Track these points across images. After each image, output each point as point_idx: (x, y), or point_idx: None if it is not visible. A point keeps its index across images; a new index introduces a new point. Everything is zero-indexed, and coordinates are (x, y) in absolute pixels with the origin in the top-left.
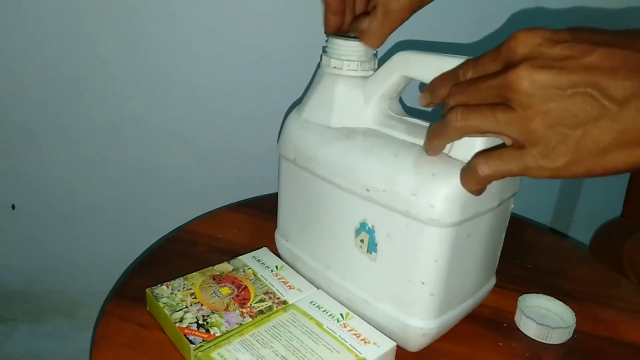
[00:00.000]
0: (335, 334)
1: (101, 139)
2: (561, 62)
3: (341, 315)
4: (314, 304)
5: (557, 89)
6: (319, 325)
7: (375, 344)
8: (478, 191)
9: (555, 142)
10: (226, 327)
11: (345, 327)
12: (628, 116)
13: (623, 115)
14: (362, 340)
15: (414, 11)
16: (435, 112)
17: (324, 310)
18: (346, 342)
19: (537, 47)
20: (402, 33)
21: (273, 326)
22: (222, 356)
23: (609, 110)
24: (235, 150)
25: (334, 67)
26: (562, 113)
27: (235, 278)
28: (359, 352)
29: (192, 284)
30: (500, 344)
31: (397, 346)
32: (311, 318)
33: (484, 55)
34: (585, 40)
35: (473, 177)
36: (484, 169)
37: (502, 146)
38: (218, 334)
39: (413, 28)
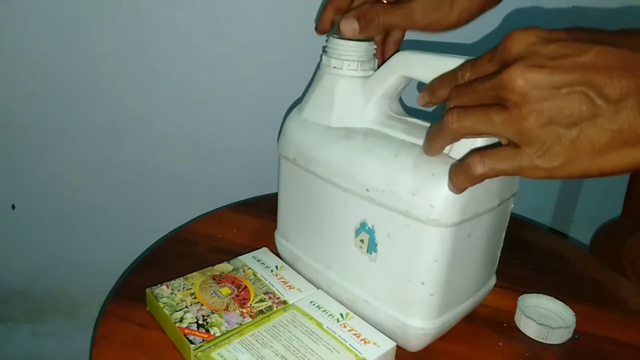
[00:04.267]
0: (335, 334)
1: (101, 139)
2: (556, 61)
3: (341, 315)
4: (314, 304)
5: (552, 88)
6: (319, 325)
7: (375, 344)
8: (463, 190)
9: (551, 142)
10: (226, 327)
11: (345, 327)
12: (624, 116)
13: (619, 114)
14: (362, 340)
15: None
16: (436, 112)
17: (324, 310)
18: (346, 342)
19: (531, 45)
20: None
21: (273, 326)
22: (222, 356)
23: (604, 110)
24: (235, 150)
25: (334, 67)
26: (556, 112)
27: (235, 278)
28: (359, 352)
29: (192, 284)
30: (500, 343)
31: (397, 346)
32: (311, 318)
33: (481, 56)
34: (581, 39)
35: (465, 175)
36: (478, 168)
37: (498, 144)
38: (218, 334)
39: None
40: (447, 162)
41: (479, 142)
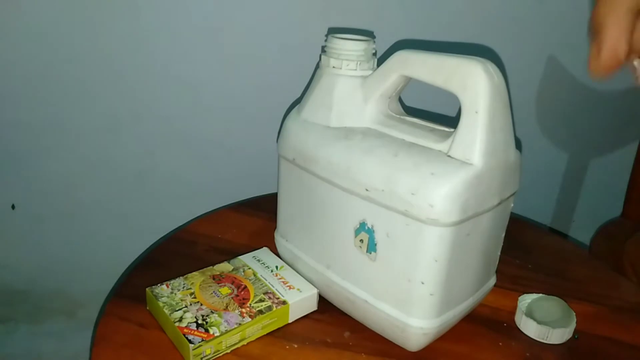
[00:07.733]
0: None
1: (101, 138)
2: None
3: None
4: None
5: None
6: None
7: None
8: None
9: None
10: (225, 327)
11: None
12: None
13: None
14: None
15: None
16: (436, 112)
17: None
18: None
19: None
20: (402, 33)
21: None
22: None
23: None
24: (235, 150)
25: (333, 67)
26: None
27: (235, 278)
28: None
29: (192, 283)
30: (500, 344)
31: (397, 346)
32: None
33: None
34: None
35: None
36: None
37: None
38: (217, 334)
39: (412, 27)
40: (447, 161)
41: (479, 140)
